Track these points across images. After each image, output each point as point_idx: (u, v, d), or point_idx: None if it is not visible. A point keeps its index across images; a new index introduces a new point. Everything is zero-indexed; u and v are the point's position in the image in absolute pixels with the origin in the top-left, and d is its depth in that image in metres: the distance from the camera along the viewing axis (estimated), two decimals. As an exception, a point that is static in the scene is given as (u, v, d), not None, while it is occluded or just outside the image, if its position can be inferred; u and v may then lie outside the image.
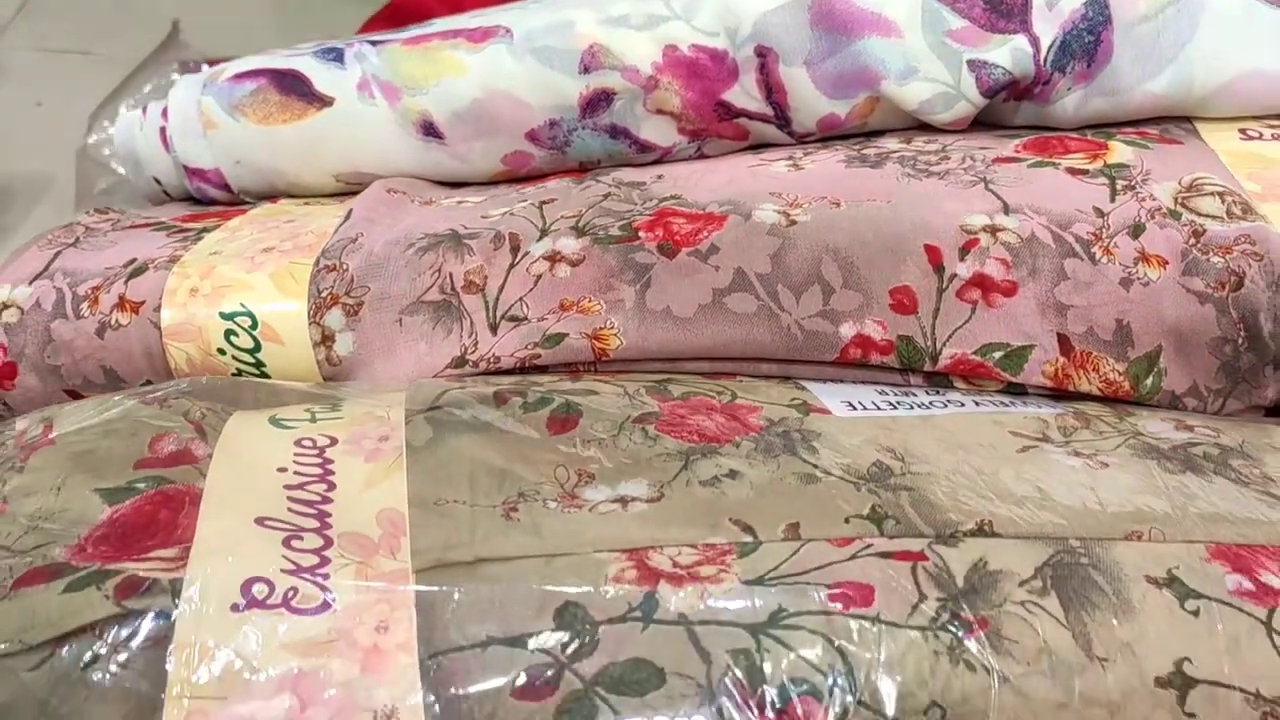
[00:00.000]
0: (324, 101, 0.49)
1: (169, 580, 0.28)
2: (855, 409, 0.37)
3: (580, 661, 0.27)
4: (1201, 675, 0.28)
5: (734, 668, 0.27)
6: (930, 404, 0.37)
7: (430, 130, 0.48)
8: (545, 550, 0.29)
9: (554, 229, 0.41)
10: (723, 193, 0.42)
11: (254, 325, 0.40)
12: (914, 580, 0.29)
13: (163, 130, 0.51)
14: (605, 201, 0.43)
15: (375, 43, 0.50)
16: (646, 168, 0.48)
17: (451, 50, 0.48)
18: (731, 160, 0.47)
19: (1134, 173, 0.40)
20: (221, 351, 0.40)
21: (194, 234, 0.46)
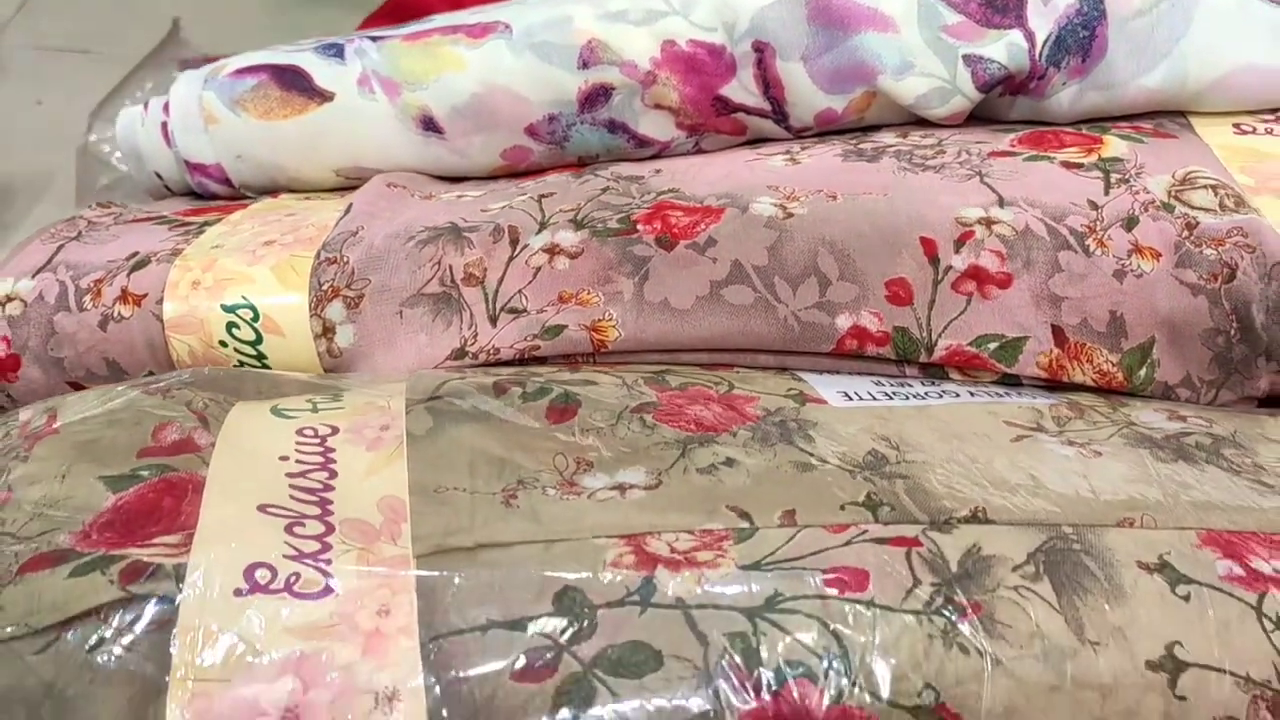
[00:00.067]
0: (324, 97, 0.49)
1: (173, 566, 0.28)
2: (851, 399, 0.37)
3: (579, 644, 0.27)
4: (1192, 659, 0.28)
5: (731, 651, 0.27)
6: (926, 394, 0.38)
7: (430, 125, 0.49)
8: (544, 536, 0.30)
9: (553, 222, 0.42)
10: (720, 186, 0.42)
11: (255, 318, 0.41)
12: (908, 565, 0.29)
13: (164, 125, 0.51)
14: (604, 195, 0.43)
15: (375, 38, 0.50)
16: (645, 162, 0.48)
17: (451, 46, 0.48)
18: (729, 155, 0.47)
19: (1128, 166, 0.40)
20: (223, 344, 0.41)
21: (195, 228, 0.46)
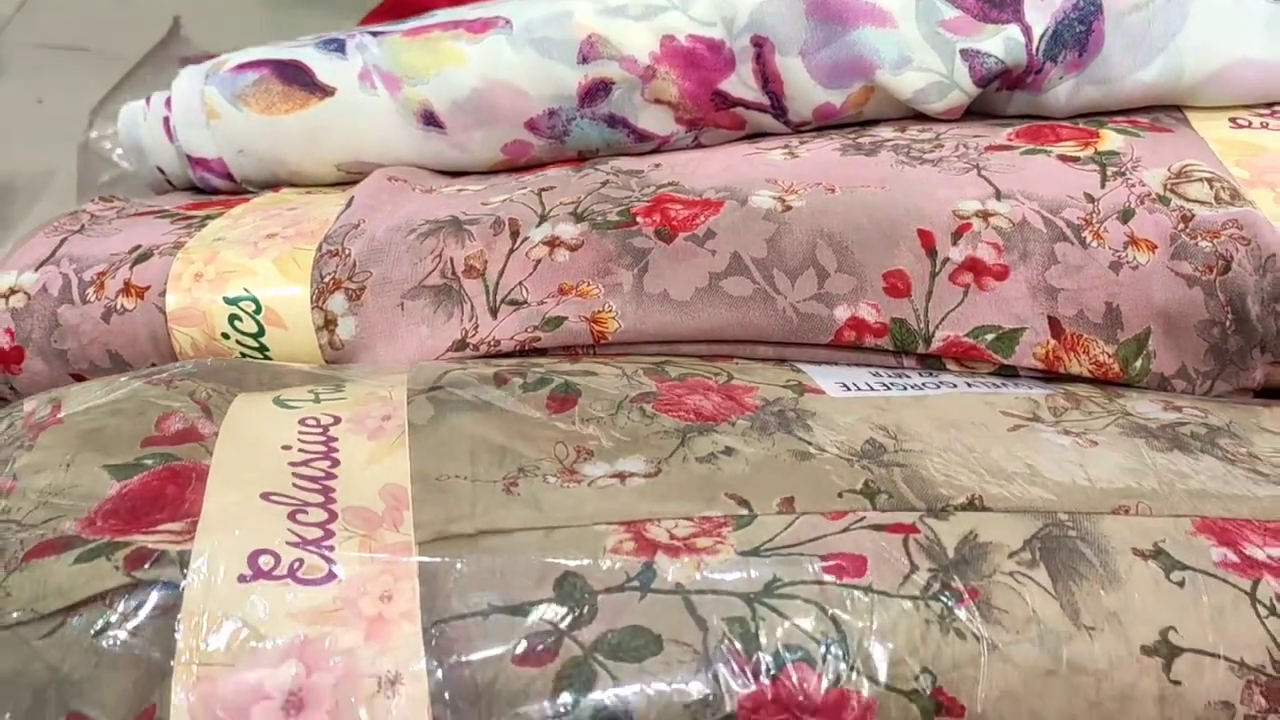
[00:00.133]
0: (326, 91, 0.49)
1: (177, 552, 0.28)
2: (849, 390, 0.37)
3: (579, 629, 0.27)
4: (1186, 644, 0.28)
5: (730, 635, 0.27)
6: (923, 385, 0.38)
7: (431, 120, 0.49)
8: (545, 523, 0.30)
9: (553, 215, 0.42)
10: (719, 179, 0.42)
11: (258, 310, 0.41)
12: (905, 552, 0.29)
13: (166, 120, 0.52)
14: (604, 189, 0.43)
15: (376, 34, 0.50)
16: (644, 156, 0.48)
17: (452, 41, 0.48)
18: (728, 149, 0.47)
19: (1124, 160, 0.40)
20: (226, 336, 0.41)
21: (198, 221, 0.46)
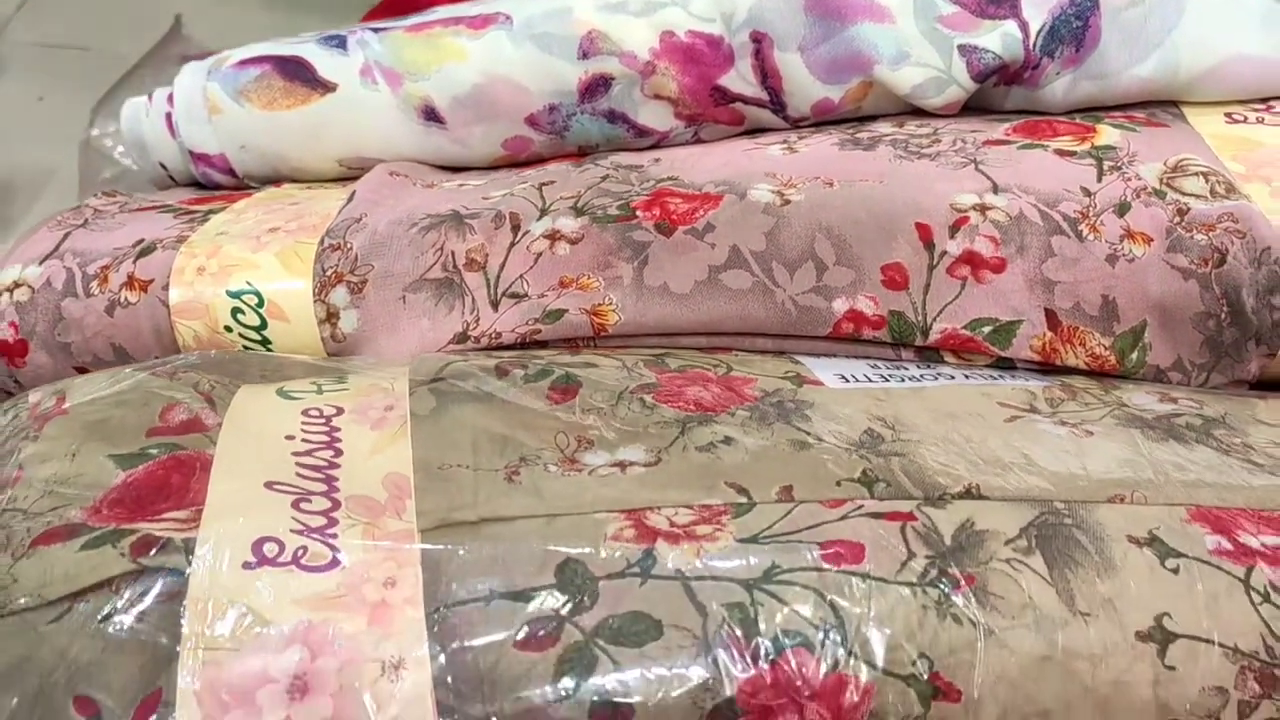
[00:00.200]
0: (327, 87, 0.50)
1: (182, 540, 0.29)
2: (848, 381, 0.38)
3: (580, 615, 0.28)
4: (1181, 630, 0.29)
5: (729, 621, 0.27)
6: (921, 377, 0.38)
7: (432, 115, 0.49)
8: (546, 511, 0.30)
9: (553, 209, 0.42)
10: (719, 174, 0.43)
11: (260, 303, 0.41)
12: (903, 539, 0.29)
13: (168, 116, 0.52)
14: (604, 183, 0.44)
15: (378, 30, 0.51)
16: (644, 152, 0.48)
17: (453, 37, 0.49)
18: (727, 144, 0.48)
19: (1121, 154, 0.41)
20: (228, 329, 0.41)
21: (200, 216, 0.46)
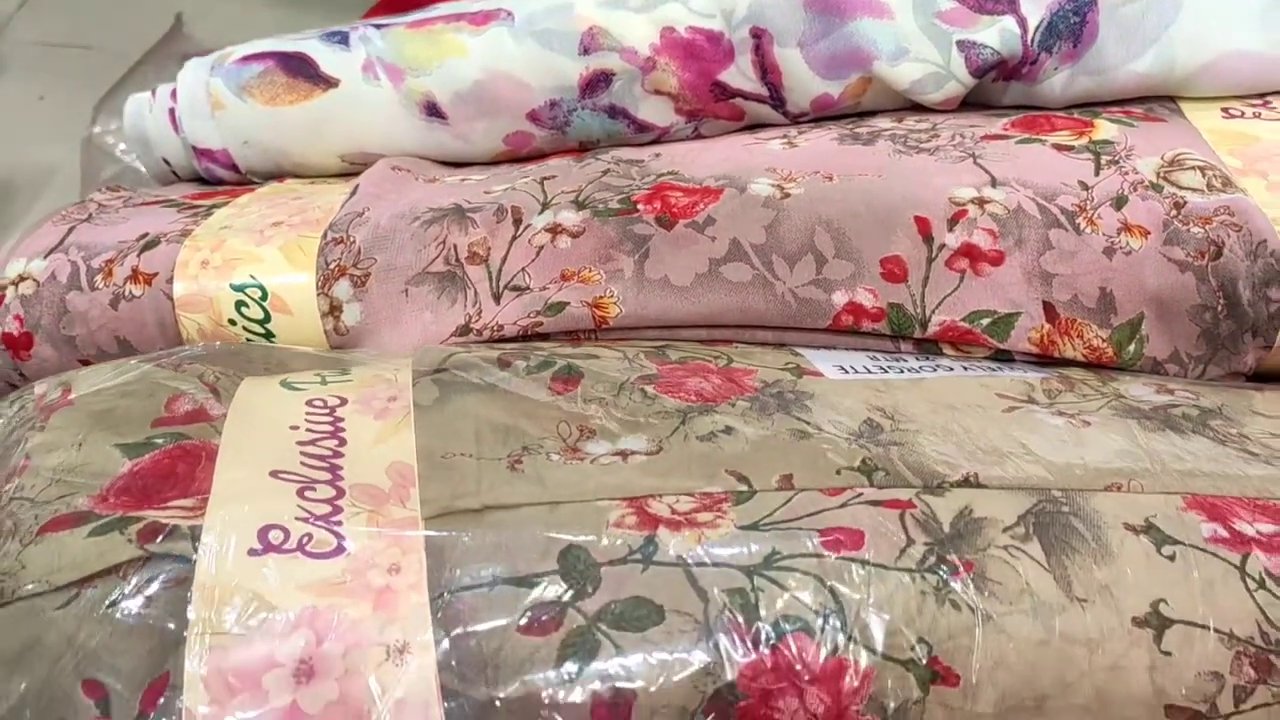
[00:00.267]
0: (329, 83, 0.50)
1: (189, 527, 0.29)
2: (847, 372, 0.38)
3: (583, 600, 0.28)
4: (1177, 616, 0.29)
5: (730, 606, 0.28)
6: (920, 369, 0.39)
7: (433, 111, 0.49)
8: (549, 498, 0.30)
9: (555, 202, 0.43)
10: (719, 168, 0.43)
11: (264, 296, 0.41)
12: (902, 526, 0.30)
13: (171, 111, 0.52)
14: (604, 177, 0.44)
15: (380, 26, 0.51)
16: (645, 147, 0.49)
17: (454, 33, 0.49)
18: (728, 139, 0.48)
19: (1118, 148, 0.41)
20: (232, 322, 0.42)
21: (204, 210, 0.47)
